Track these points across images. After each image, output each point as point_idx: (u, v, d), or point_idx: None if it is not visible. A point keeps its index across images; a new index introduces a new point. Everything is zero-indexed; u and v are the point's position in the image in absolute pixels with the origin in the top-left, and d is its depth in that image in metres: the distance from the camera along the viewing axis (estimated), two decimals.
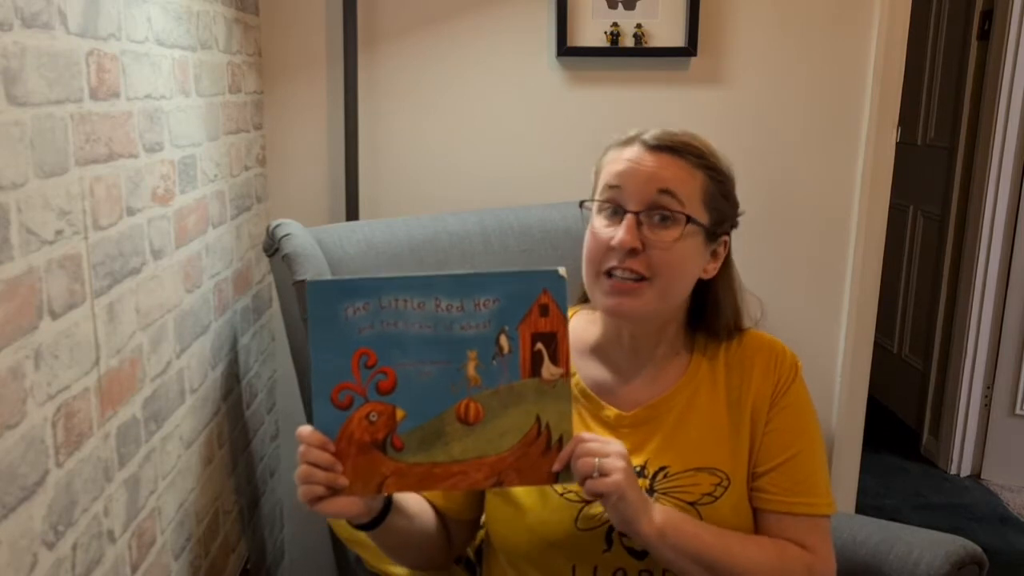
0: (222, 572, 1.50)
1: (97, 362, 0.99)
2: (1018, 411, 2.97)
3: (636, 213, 1.04)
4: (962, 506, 2.82)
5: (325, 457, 0.89)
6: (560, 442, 0.92)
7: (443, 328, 0.90)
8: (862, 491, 2.17)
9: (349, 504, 0.92)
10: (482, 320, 0.90)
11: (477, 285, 0.90)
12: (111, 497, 1.03)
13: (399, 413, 0.90)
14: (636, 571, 1.08)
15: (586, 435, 0.94)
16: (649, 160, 1.06)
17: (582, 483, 0.93)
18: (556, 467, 0.92)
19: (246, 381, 1.68)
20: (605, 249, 1.06)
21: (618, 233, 1.04)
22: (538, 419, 0.92)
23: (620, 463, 0.93)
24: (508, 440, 0.92)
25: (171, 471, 1.24)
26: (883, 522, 1.40)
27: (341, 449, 0.90)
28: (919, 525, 1.41)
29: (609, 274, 1.06)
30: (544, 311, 0.91)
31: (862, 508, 2.14)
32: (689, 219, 1.05)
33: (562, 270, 0.91)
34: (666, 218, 1.05)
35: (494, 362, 0.91)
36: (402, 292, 0.89)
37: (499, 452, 0.92)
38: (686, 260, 1.08)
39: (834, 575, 1.12)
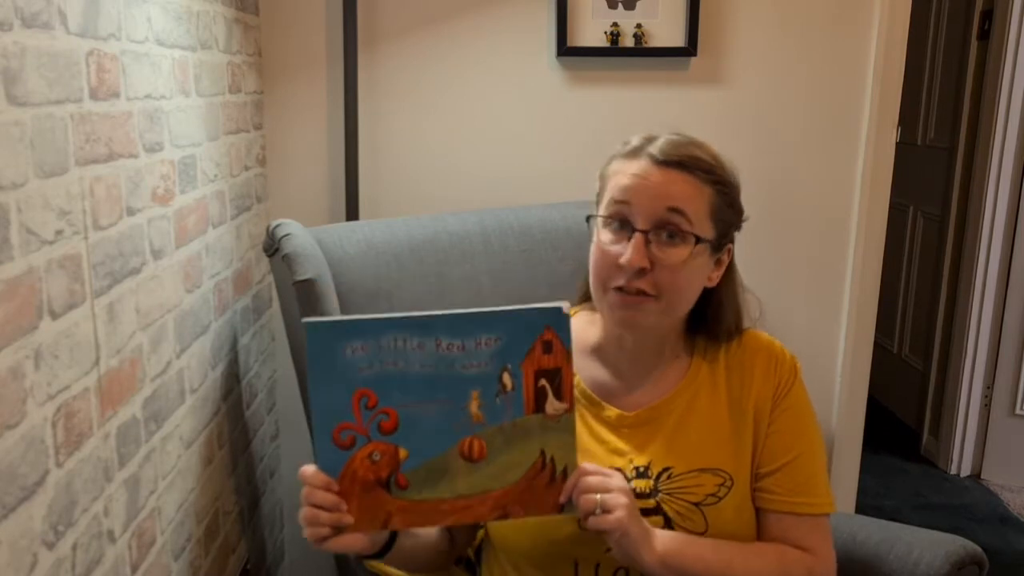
0: (222, 572, 1.50)
1: (97, 362, 0.99)
2: (1018, 411, 2.97)
3: (644, 232, 1.04)
4: (962, 506, 2.82)
5: (329, 498, 0.89)
6: (564, 473, 0.92)
7: (444, 367, 0.89)
8: (862, 491, 2.17)
9: (355, 540, 0.92)
10: (484, 359, 0.89)
11: (478, 324, 0.89)
12: (111, 497, 1.03)
13: (402, 452, 0.90)
14: (637, 571, 1.08)
15: (588, 467, 0.94)
16: (657, 176, 1.05)
17: (584, 519, 0.93)
18: (562, 499, 0.92)
19: (246, 381, 1.68)
20: (613, 266, 1.05)
21: (627, 253, 1.03)
22: (542, 452, 0.92)
23: (622, 499, 0.93)
24: (513, 475, 0.91)
25: (171, 471, 1.24)
26: (883, 522, 1.40)
27: (345, 488, 0.90)
28: (919, 525, 1.41)
29: (616, 288, 1.06)
30: (547, 348, 0.90)
31: (862, 508, 2.14)
32: (698, 239, 1.05)
33: (565, 306, 0.90)
34: (674, 235, 1.05)
35: (497, 400, 0.90)
36: (402, 332, 0.88)
37: (504, 487, 0.92)
38: (693, 277, 1.08)
39: (834, 573, 1.13)
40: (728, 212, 1.10)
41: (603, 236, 1.07)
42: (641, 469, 1.10)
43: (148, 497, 1.15)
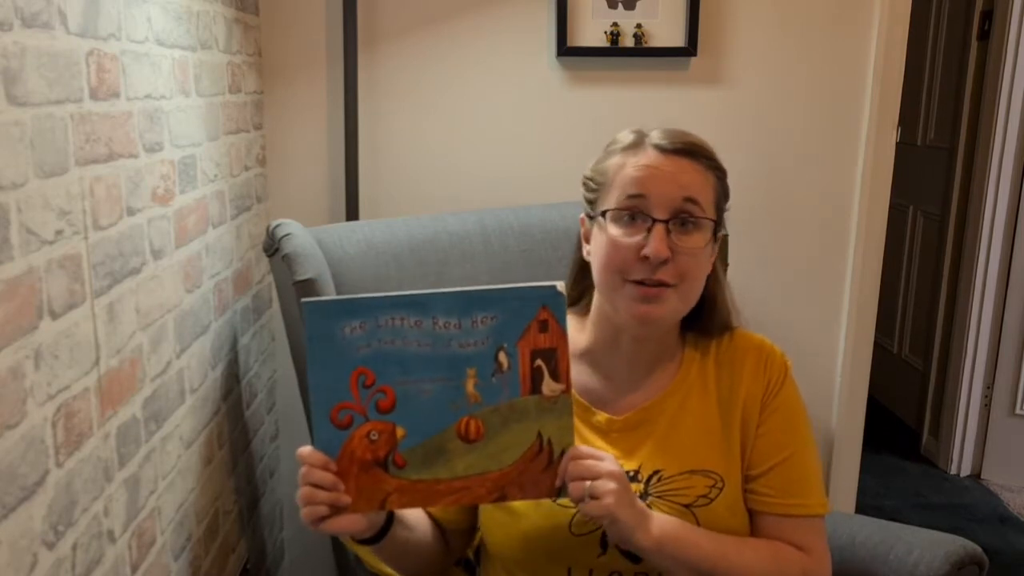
0: (222, 572, 1.50)
1: (97, 362, 0.99)
2: (1018, 411, 2.97)
3: (665, 222, 1.04)
4: (962, 506, 2.82)
5: (327, 477, 0.89)
6: (562, 456, 0.92)
7: (441, 346, 0.89)
8: (862, 491, 2.17)
9: (353, 521, 0.92)
10: (480, 337, 0.89)
11: (475, 302, 0.89)
12: (111, 497, 1.03)
13: (399, 431, 0.90)
14: (632, 574, 1.08)
15: (582, 450, 0.93)
16: (668, 165, 1.05)
17: (576, 504, 0.93)
18: (558, 483, 0.92)
19: (246, 381, 1.68)
20: (632, 260, 1.04)
21: (651, 244, 1.03)
22: (539, 435, 0.91)
23: (610, 485, 0.92)
24: (510, 456, 0.91)
25: (171, 471, 1.24)
26: (883, 522, 1.40)
27: (343, 468, 0.90)
28: (919, 525, 1.41)
29: (634, 281, 1.05)
30: (543, 327, 0.90)
31: (862, 508, 2.14)
32: (714, 225, 1.06)
33: (560, 286, 0.90)
34: (686, 222, 1.05)
35: (493, 379, 0.90)
36: (399, 310, 0.89)
37: (501, 468, 0.91)
38: (707, 263, 1.09)
39: (829, 573, 1.13)
40: (723, 200, 1.11)
41: (613, 231, 1.06)
42: (631, 474, 1.09)
43: (148, 497, 1.15)
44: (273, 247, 1.43)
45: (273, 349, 1.91)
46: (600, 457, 0.94)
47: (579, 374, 1.14)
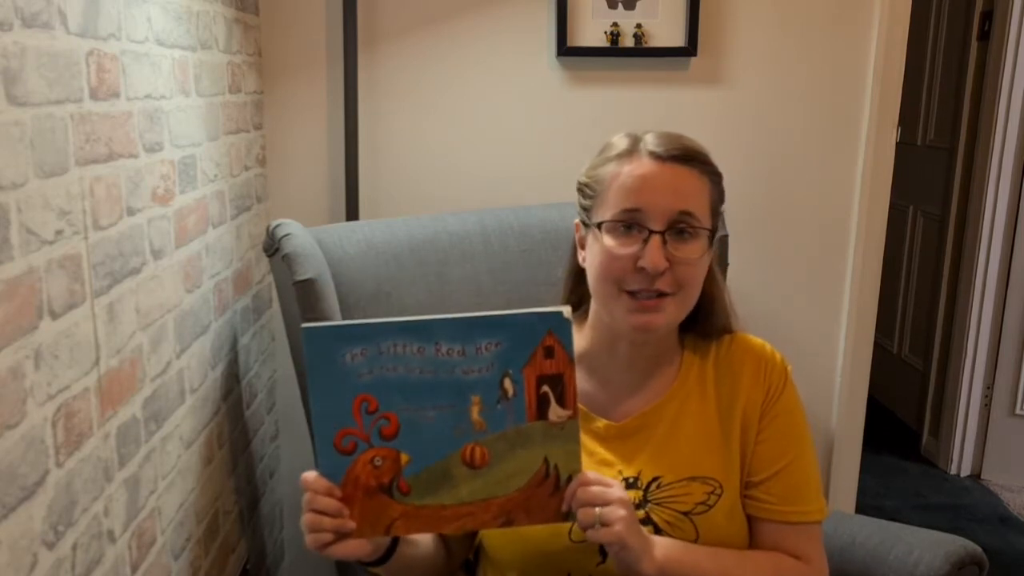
0: (222, 572, 1.50)
1: (97, 362, 0.99)
2: (1018, 411, 2.97)
3: (662, 233, 1.03)
4: (962, 506, 2.82)
5: (332, 504, 0.89)
6: (569, 480, 0.92)
7: (444, 373, 0.88)
8: (862, 491, 2.17)
9: (358, 546, 0.92)
10: (484, 364, 0.88)
11: (478, 328, 0.88)
12: (111, 497, 1.03)
13: (404, 458, 0.90)
14: None
15: (589, 476, 0.93)
16: (664, 174, 1.04)
17: (584, 531, 0.93)
18: (564, 508, 0.92)
19: (246, 381, 1.68)
20: (631, 270, 1.04)
21: (647, 256, 1.02)
22: (546, 460, 0.91)
23: (620, 512, 0.92)
24: (516, 482, 0.91)
25: (171, 471, 1.24)
26: (883, 522, 1.40)
27: (347, 494, 0.90)
28: (919, 525, 1.41)
29: (631, 291, 1.05)
30: (549, 353, 0.89)
31: (862, 508, 2.14)
32: (711, 233, 1.06)
33: (566, 311, 0.89)
34: (684, 231, 1.04)
35: (499, 406, 0.89)
36: (401, 337, 0.88)
37: (507, 493, 0.91)
38: (704, 270, 1.08)
39: None
40: (719, 203, 1.10)
41: (608, 241, 1.05)
42: (631, 480, 1.09)
43: (148, 497, 1.15)
44: (273, 247, 1.43)
45: (273, 349, 1.91)
46: (608, 484, 0.94)
47: (577, 380, 1.13)
